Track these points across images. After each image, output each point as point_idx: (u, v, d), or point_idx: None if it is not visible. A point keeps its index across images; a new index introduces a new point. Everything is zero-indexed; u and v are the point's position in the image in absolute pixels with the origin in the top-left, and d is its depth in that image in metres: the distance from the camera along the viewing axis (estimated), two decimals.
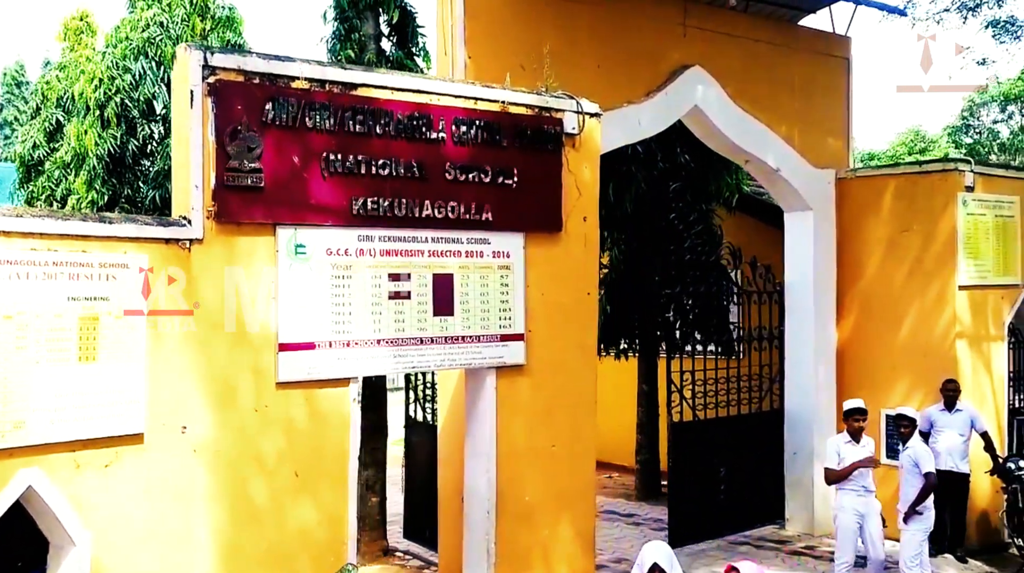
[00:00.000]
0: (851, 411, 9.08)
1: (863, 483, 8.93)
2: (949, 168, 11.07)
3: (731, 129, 10.74)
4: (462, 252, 7.06)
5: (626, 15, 9.84)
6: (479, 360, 7.18)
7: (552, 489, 7.60)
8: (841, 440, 9.09)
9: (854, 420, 9.01)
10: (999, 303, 11.50)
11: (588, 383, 7.84)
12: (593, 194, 7.89)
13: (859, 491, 8.94)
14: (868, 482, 8.98)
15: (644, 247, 13.47)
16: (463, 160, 7.01)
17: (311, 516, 6.36)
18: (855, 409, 9.07)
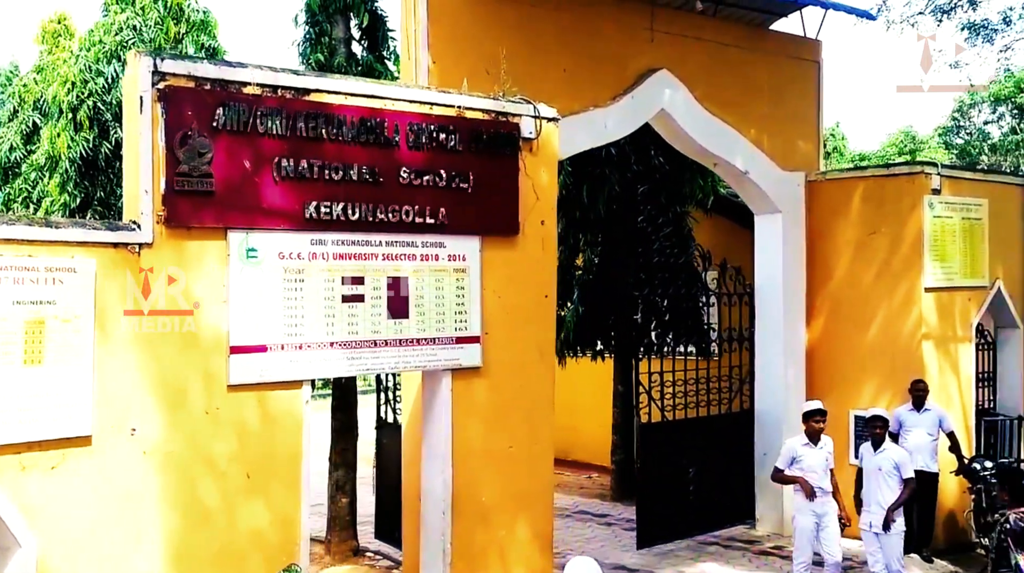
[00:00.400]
0: (811, 413, 9.15)
1: (819, 484, 8.98)
2: (915, 171, 11.16)
3: (699, 132, 10.82)
4: (417, 255, 7.13)
5: (593, 20, 9.93)
6: (434, 362, 7.25)
7: (509, 490, 7.67)
8: (799, 442, 9.14)
9: (814, 421, 9.09)
10: (966, 305, 11.59)
11: (546, 385, 7.91)
12: (551, 198, 7.97)
13: (816, 493, 9.01)
14: (825, 484, 9.02)
15: (618, 249, 13.55)
16: (418, 164, 7.08)
17: (263, 517, 6.43)
18: (815, 410, 9.14)
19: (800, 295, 11.83)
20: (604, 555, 10.91)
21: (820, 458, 9.05)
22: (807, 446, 9.07)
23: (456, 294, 7.33)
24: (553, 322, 8.01)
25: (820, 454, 9.06)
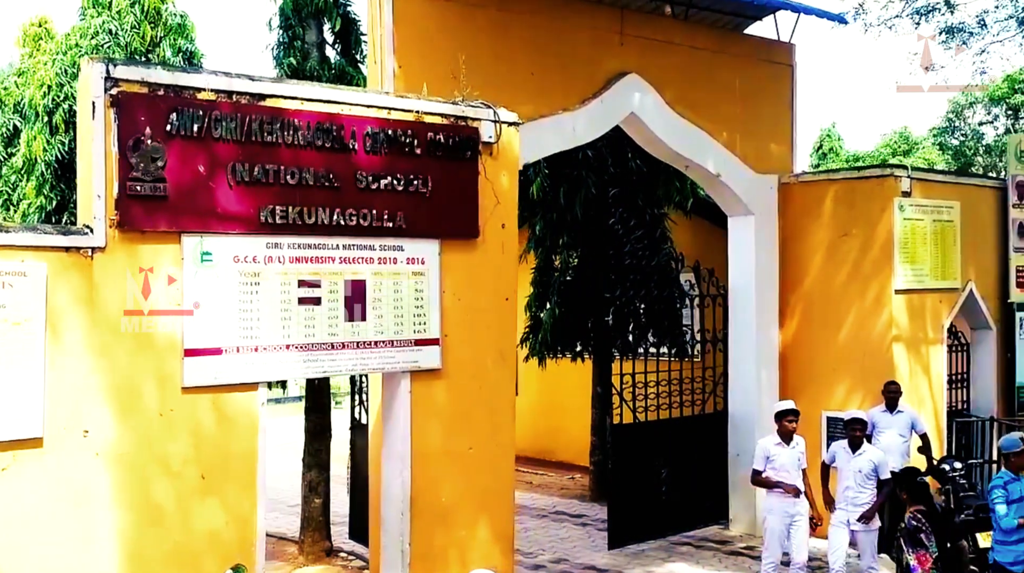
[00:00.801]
0: (783, 412, 9.23)
1: (792, 484, 9.07)
2: (885, 174, 11.23)
3: (669, 135, 10.89)
4: (375, 259, 7.20)
5: (562, 24, 10.00)
6: (392, 364, 7.33)
7: (470, 490, 7.74)
8: (771, 442, 9.23)
9: (787, 421, 9.16)
10: (938, 306, 11.66)
11: (506, 386, 7.98)
12: (512, 201, 8.04)
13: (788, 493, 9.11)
14: (798, 483, 9.12)
15: (595, 251, 13.61)
16: (375, 169, 7.15)
17: (219, 517, 6.50)
18: (787, 410, 9.22)
19: (773, 297, 11.90)
20: (575, 555, 10.99)
21: (793, 457, 9.14)
22: (780, 446, 9.16)
23: (415, 297, 7.40)
24: (515, 325, 8.08)
25: (793, 453, 9.15)
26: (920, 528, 7.28)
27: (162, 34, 12.18)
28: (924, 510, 7.43)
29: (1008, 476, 7.87)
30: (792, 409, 9.23)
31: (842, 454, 9.46)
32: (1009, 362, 12.51)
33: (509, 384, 8.02)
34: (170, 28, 12.17)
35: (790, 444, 9.16)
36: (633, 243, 11.50)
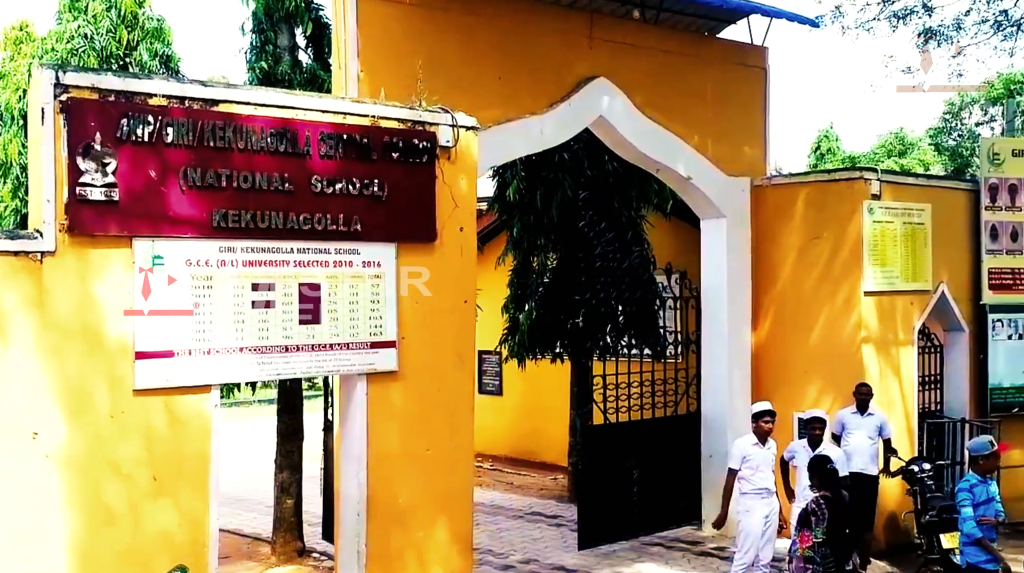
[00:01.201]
0: (760, 413, 9.36)
1: (765, 485, 9.18)
2: (855, 177, 11.28)
3: (638, 139, 10.95)
4: (330, 262, 7.28)
5: (530, 28, 10.06)
6: (348, 366, 7.40)
7: (427, 492, 7.81)
8: (748, 442, 9.34)
9: (764, 422, 9.30)
10: (908, 308, 11.71)
11: (465, 388, 8.05)
12: (470, 205, 8.10)
13: (763, 494, 9.19)
14: (770, 484, 9.25)
15: (572, 253, 13.68)
16: (330, 173, 7.22)
17: (171, 519, 6.57)
18: (764, 411, 9.35)
19: (746, 298, 11.96)
20: (546, 556, 11.07)
21: (768, 458, 9.29)
22: (756, 446, 9.29)
23: (371, 300, 7.48)
24: (473, 327, 8.14)
25: (768, 454, 9.30)
26: (816, 512, 7.61)
27: (139, 38, 12.22)
28: (828, 497, 7.79)
29: (975, 479, 7.92)
30: (769, 410, 9.37)
31: (802, 453, 9.57)
32: (982, 364, 12.55)
33: (468, 386, 8.08)
34: (147, 32, 12.22)
35: (765, 445, 9.29)
36: (604, 246, 11.57)
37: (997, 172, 12.61)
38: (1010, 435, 12.44)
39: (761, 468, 9.19)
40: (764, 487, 9.14)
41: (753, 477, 9.14)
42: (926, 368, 12.56)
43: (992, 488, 7.99)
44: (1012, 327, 12.62)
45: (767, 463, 9.23)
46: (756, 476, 9.14)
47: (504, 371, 17.69)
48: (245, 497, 13.72)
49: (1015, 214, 12.68)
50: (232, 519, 12.91)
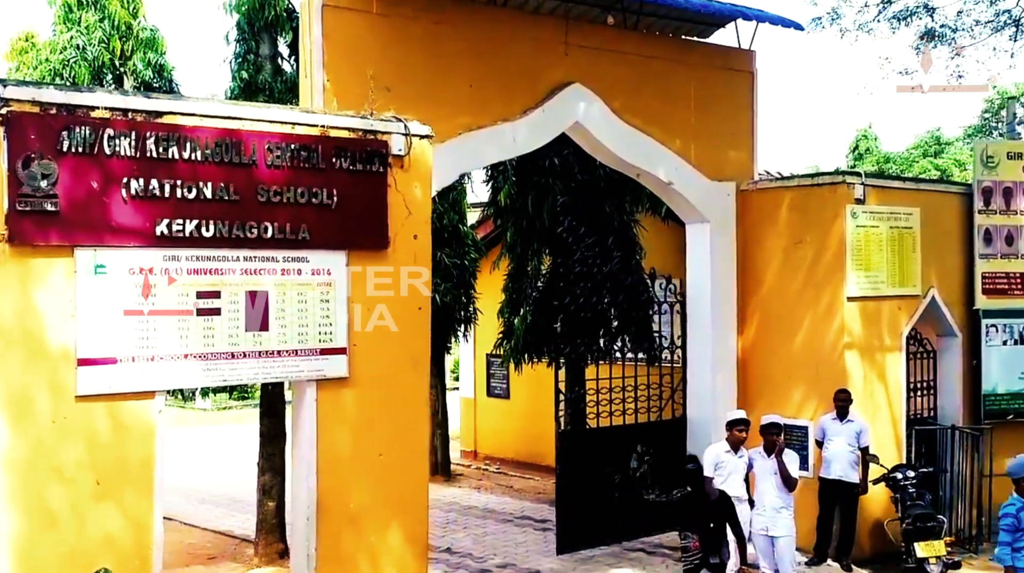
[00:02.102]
0: (734, 421, 9.33)
1: (736, 493, 9.06)
2: (837, 181, 11.18)
3: (617, 144, 10.95)
4: (278, 270, 7.39)
5: (502, 35, 10.11)
6: (297, 373, 7.51)
7: (380, 496, 7.89)
8: (721, 449, 9.33)
9: (737, 430, 9.26)
10: (895, 313, 11.58)
11: (419, 394, 8.13)
12: (424, 213, 8.17)
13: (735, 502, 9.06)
14: (741, 492, 9.20)
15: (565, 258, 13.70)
16: (278, 182, 7.34)
17: (115, 523, 6.72)
18: (738, 420, 9.32)
19: (731, 303, 11.90)
20: (524, 560, 11.11)
21: (740, 466, 9.27)
22: (729, 453, 9.28)
23: (321, 307, 7.58)
24: (427, 333, 8.21)
25: (741, 462, 9.27)
26: None
27: (134, 48, 12.46)
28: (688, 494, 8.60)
29: (1021, 502, 7.67)
30: (742, 418, 9.34)
31: (758, 460, 9.46)
32: (975, 369, 12.36)
33: (422, 391, 8.16)
34: (141, 42, 12.45)
35: (738, 452, 9.26)
36: (583, 251, 11.58)
37: (991, 175, 12.42)
38: (1002, 442, 12.25)
39: (733, 476, 9.16)
40: (735, 495, 8.98)
41: (724, 484, 9.06)
42: (919, 374, 12.40)
43: None
44: (1007, 332, 12.42)
45: (739, 471, 9.21)
46: (727, 483, 9.06)
47: (511, 375, 17.75)
48: (241, 498, 13.91)
49: (1010, 218, 12.48)
50: (225, 520, 13.14)
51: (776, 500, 9.19)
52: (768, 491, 9.25)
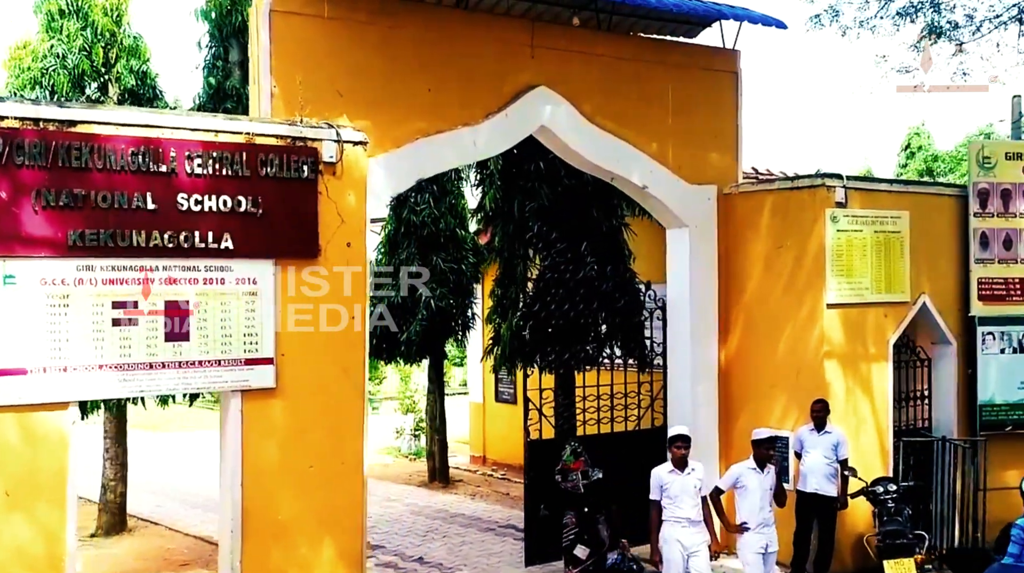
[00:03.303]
0: (672, 438, 8.90)
1: (686, 514, 8.68)
2: (816, 184, 10.82)
3: (586, 147, 10.72)
4: (200, 279, 7.32)
5: (464, 38, 9.95)
6: (220, 383, 7.43)
7: (311, 508, 7.78)
8: (665, 469, 8.88)
9: (675, 447, 8.82)
10: (882, 321, 11.17)
11: (354, 404, 8.01)
12: (359, 220, 8.05)
13: (682, 523, 8.70)
14: (692, 513, 8.71)
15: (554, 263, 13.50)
16: (199, 190, 7.27)
17: (25, 533, 6.70)
18: (676, 436, 8.88)
19: (711, 310, 11.59)
20: (493, 569, 10.93)
21: (688, 485, 8.75)
22: (673, 473, 8.80)
23: (245, 317, 7.50)
24: (362, 342, 8.09)
25: (688, 481, 8.76)
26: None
27: (117, 55, 12.53)
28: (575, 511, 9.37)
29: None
30: (680, 435, 8.88)
31: (748, 474, 9.15)
32: (970, 379, 11.88)
33: (356, 401, 8.04)
34: (124, 49, 12.51)
35: (684, 470, 8.81)
36: (555, 257, 11.37)
37: (988, 177, 11.93)
38: (999, 455, 11.81)
39: (680, 497, 8.69)
40: (685, 517, 8.65)
41: (671, 506, 8.70)
42: (912, 383, 11.96)
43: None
44: (1005, 340, 11.91)
45: (686, 491, 8.70)
46: (675, 505, 8.69)
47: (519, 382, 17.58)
48: None
49: (1008, 221, 11.97)
50: (208, 526, 13.14)
51: (770, 516, 8.94)
52: (764, 507, 8.94)
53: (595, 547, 9.35)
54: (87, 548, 12.30)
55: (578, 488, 9.40)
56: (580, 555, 9.34)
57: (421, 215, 15.56)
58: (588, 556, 9.34)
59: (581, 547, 9.36)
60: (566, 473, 9.55)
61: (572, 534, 9.38)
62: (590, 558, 9.35)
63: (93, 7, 12.42)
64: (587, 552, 9.35)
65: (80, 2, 12.35)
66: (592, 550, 9.37)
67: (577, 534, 9.36)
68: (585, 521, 9.35)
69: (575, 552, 9.39)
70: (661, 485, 8.79)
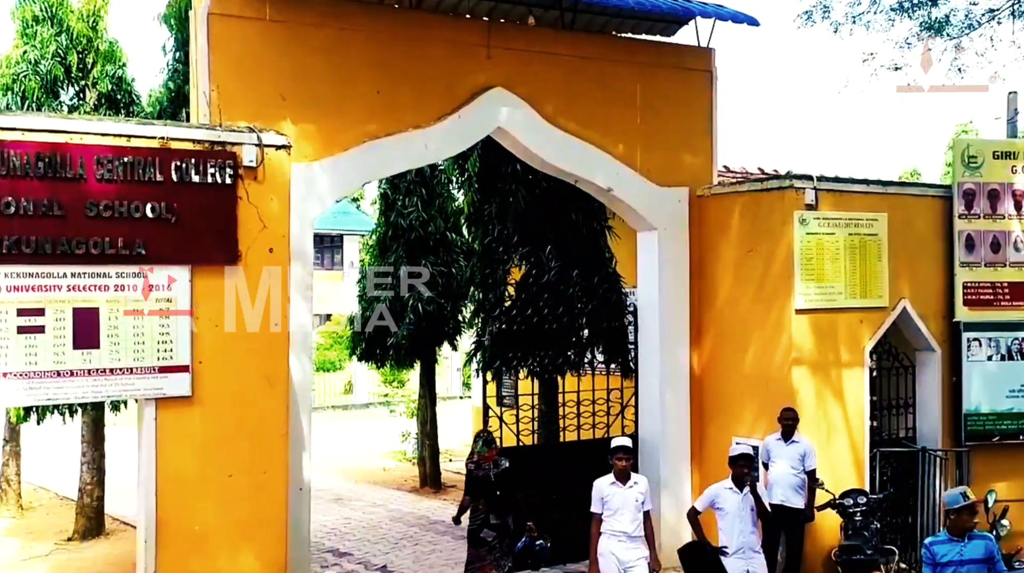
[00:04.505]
0: (614, 449, 8.59)
1: (624, 529, 8.37)
2: (785, 185, 10.46)
3: (546, 149, 10.51)
4: (111, 286, 7.23)
5: (417, 39, 9.80)
6: (132, 391, 7.34)
7: (231, 518, 7.65)
8: (606, 482, 8.55)
9: (616, 459, 8.50)
10: (856, 327, 10.77)
11: (276, 412, 7.86)
12: (282, 226, 7.91)
13: (619, 537, 8.38)
14: (631, 528, 8.38)
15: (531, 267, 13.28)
16: (110, 196, 7.18)
17: None
18: (617, 447, 8.57)
19: (682, 315, 11.28)
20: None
21: (629, 499, 8.42)
22: (614, 486, 8.47)
23: (160, 324, 7.39)
24: (286, 350, 7.94)
25: (629, 494, 8.43)
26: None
27: (94, 60, 12.57)
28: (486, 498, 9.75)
29: (944, 536, 7.05)
30: (622, 446, 8.53)
31: (727, 495, 8.77)
32: (955, 387, 11.42)
33: (279, 410, 7.89)
34: (100, 54, 12.55)
35: (626, 484, 8.50)
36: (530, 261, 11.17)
37: (974, 176, 11.47)
38: (985, 466, 11.36)
39: (621, 510, 8.36)
40: (622, 531, 8.33)
41: (610, 519, 8.38)
42: (894, 391, 11.57)
43: (972, 549, 6.87)
44: (992, 347, 11.43)
45: (627, 505, 8.37)
46: (613, 519, 8.37)
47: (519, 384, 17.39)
48: None
49: (996, 222, 11.50)
50: None
51: (753, 539, 8.60)
52: (744, 530, 8.60)
53: (501, 531, 9.73)
54: (59, 552, 12.38)
55: (489, 476, 9.71)
56: (487, 537, 9.71)
57: (408, 218, 15.44)
58: (494, 539, 9.71)
59: (487, 530, 9.71)
60: (479, 463, 9.86)
61: (480, 519, 9.73)
62: (495, 541, 9.72)
63: (68, 13, 12.47)
64: (493, 536, 9.72)
65: (55, 8, 12.40)
66: (498, 535, 9.72)
67: (484, 519, 9.70)
68: (494, 507, 9.69)
69: (481, 535, 9.74)
70: (602, 497, 8.50)
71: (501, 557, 9.72)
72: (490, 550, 9.70)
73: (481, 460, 9.86)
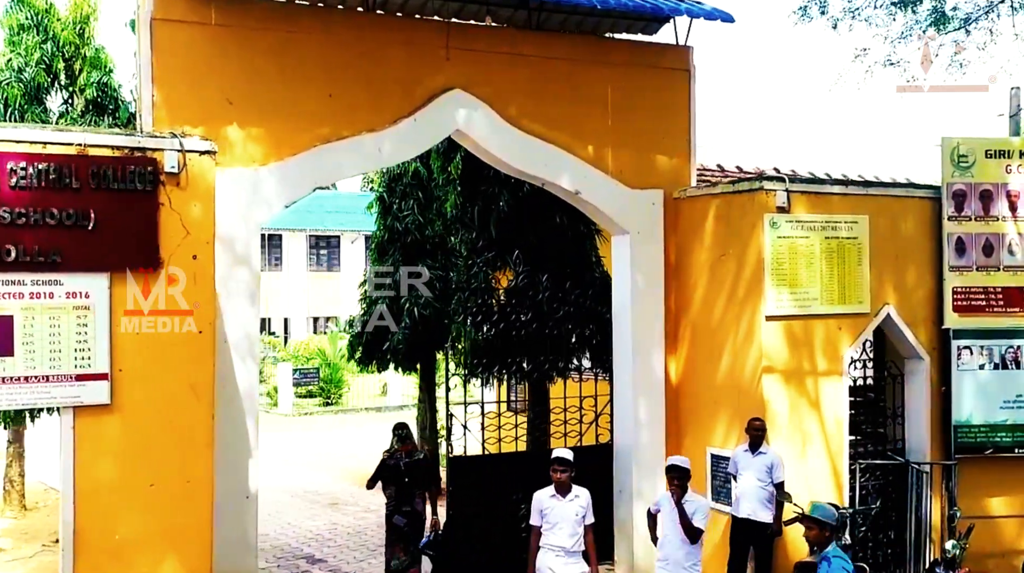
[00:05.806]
0: (552, 461, 8.35)
1: (562, 544, 8.11)
2: (755, 187, 10.09)
3: (508, 152, 10.29)
4: (25, 294, 7.20)
5: (371, 41, 9.68)
6: (47, 399, 7.32)
7: (153, 528, 7.57)
8: (546, 494, 8.31)
9: (552, 471, 8.27)
10: (835, 334, 10.36)
11: (201, 420, 7.75)
12: (206, 231, 7.80)
13: (558, 552, 8.13)
14: (569, 543, 8.11)
15: None
16: (24, 203, 7.16)
17: None
18: (555, 459, 8.32)
19: (655, 321, 10.96)
20: None
21: (568, 513, 8.17)
22: (554, 498, 8.23)
23: (77, 332, 7.35)
24: (209, 357, 7.85)
25: (569, 508, 8.18)
26: None
27: (80, 67, 12.70)
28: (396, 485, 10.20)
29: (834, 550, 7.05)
30: (559, 457, 8.28)
31: (664, 502, 8.62)
32: (945, 396, 10.92)
33: (205, 418, 7.79)
34: (87, 61, 12.67)
35: (566, 496, 8.24)
36: (478, 267, 10.96)
37: (964, 176, 10.96)
38: (975, 480, 10.86)
39: (560, 524, 8.11)
40: (560, 545, 8.07)
41: (549, 533, 8.12)
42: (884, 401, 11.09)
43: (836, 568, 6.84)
44: (985, 355, 10.90)
45: (566, 519, 8.11)
46: (552, 533, 8.11)
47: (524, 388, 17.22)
48: None
49: (989, 224, 10.97)
50: None
51: (681, 554, 8.33)
52: (671, 541, 8.41)
53: (412, 518, 10.14)
54: (45, 553, 12.51)
55: (399, 465, 10.10)
56: (398, 523, 10.15)
57: (404, 222, 15.33)
58: (405, 525, 10.12)
59: (398, 516, 10.12)
60: (392, 453, 10.27)
61: (391, 505, 10.20)
62: (406, 527, 10.13)
63: (54, 21, 12.60)
64: (404, 521, 10.12)
65: (41, 16, 12.53)
66: (408, 521, 10.12)
67: (395, 506, 10.13)
68: (404, 494, 10.10)
69: (393, 521, 10.18)
70: (541, 510, 8.26)
71: (411, 542, 10.22)
72: (402, 536, 10.16)
73: (395, 451, 10.25)
